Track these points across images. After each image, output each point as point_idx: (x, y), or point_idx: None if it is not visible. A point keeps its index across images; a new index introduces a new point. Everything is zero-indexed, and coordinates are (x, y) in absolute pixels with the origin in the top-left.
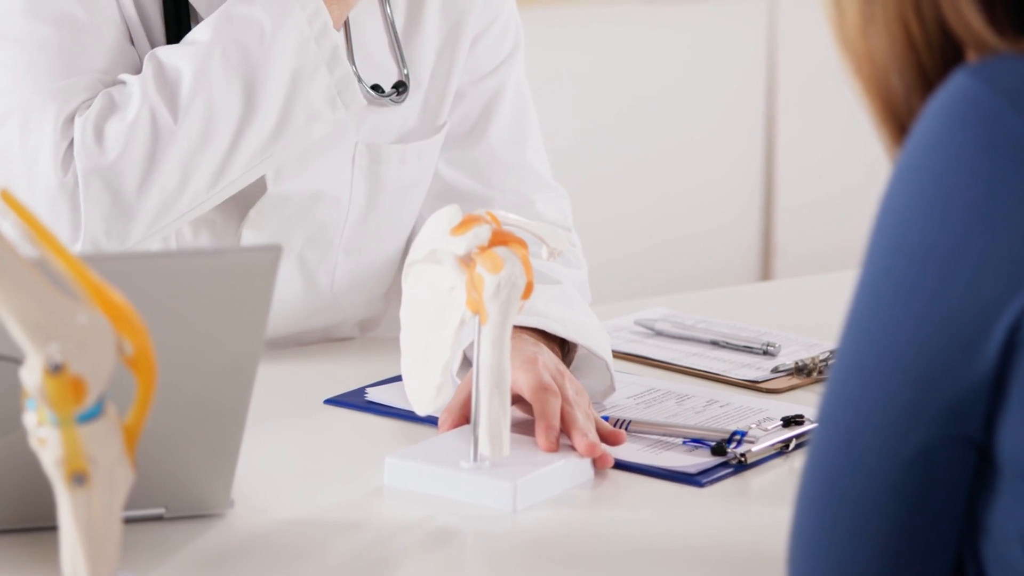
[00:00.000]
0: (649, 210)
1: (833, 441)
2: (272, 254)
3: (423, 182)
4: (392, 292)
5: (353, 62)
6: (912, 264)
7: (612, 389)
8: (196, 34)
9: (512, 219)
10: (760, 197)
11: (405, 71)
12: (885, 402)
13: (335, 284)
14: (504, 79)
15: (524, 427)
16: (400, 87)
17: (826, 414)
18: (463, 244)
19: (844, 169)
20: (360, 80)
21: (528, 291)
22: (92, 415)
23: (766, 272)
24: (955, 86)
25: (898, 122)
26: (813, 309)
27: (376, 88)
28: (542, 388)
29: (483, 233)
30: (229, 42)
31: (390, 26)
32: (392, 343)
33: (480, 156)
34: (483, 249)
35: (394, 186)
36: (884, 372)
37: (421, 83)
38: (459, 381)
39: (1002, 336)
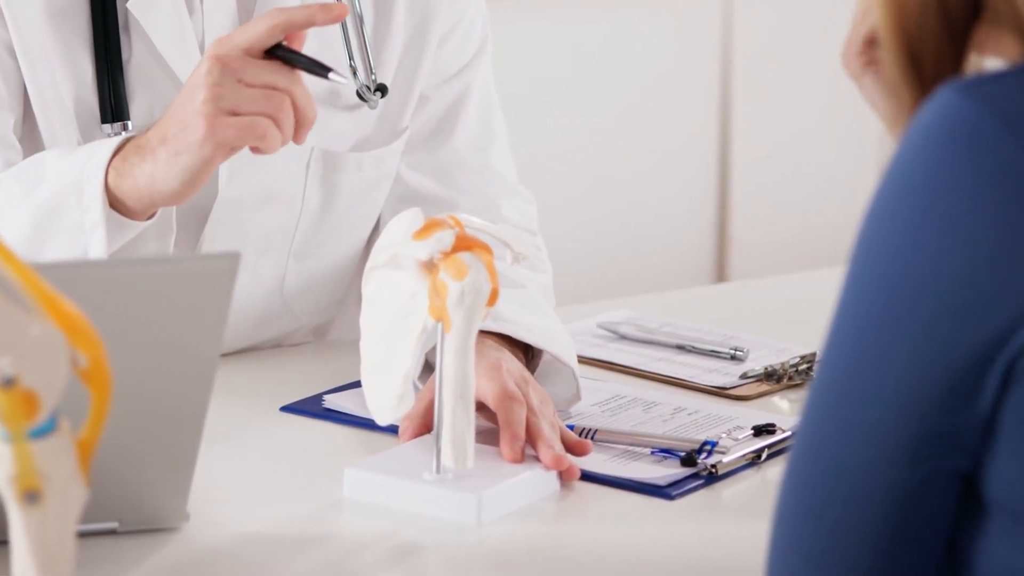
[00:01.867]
0: (603, 207)
1: (817, 467)
2: (230, 262)
3: (382, 187)
4: (348, 298)
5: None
6: (904, 296)
7: (578, 397)
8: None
9: (476, 223)
10: (715, 193)
11: (374, 76)
12: (877, 434)
13: (286, 289)
14: (470, 80)
15: (488, 437)
16: (382, 90)
17: (809, 437)
18: (426, 249)
19: (801, 165)
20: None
21: (493, 298)
22: (45, 430)
23: (721, 269)
24: (945, 105)
25: (916, 65)
26: (780, 311)
27: (377, 89)
28: (507, 396)
29: (446, 238)
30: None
31: (359, 29)
32: (348, 347)
33: (445, 159)
34: (446, 254)
35: (350, 192)
36: (875, 404)
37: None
38: (420, 387)
39: (1001, 371)
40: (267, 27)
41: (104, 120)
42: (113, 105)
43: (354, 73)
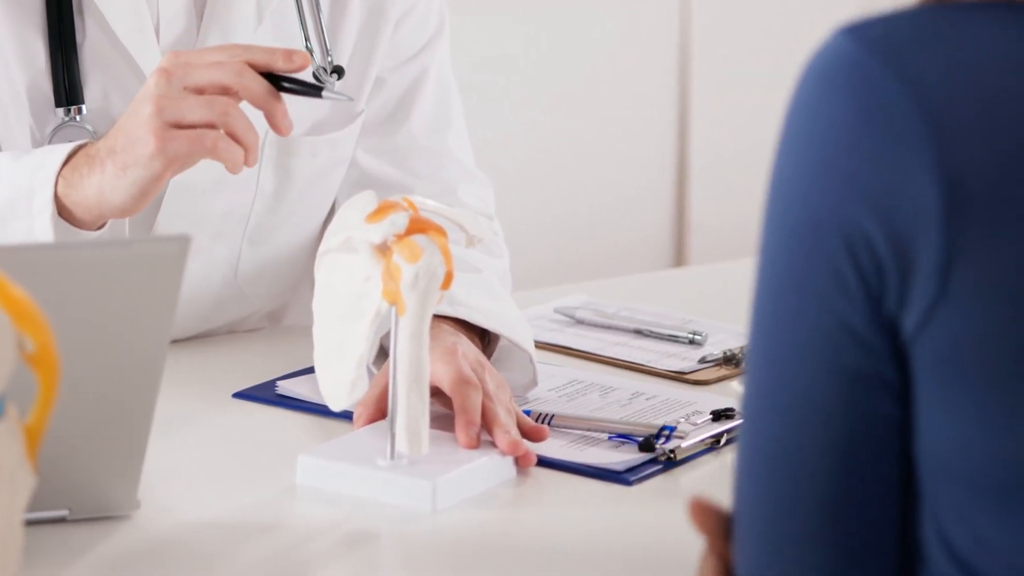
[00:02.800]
0: (561, 192)
1: (760, 437)
2: (180, 245)
3: (336, 172)
4: (302, 283)
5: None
6: (800, 240)
7: (534, 383)
8: None
9: (430, 205)
10: (673, 176)
11: (330, 58)
12: (802, 388)
13: (240, 274)
14: (427, 64)
15: (443, 422)
16: (339, 72)
17: (750, 410)
18: (379, 232)
19: (760, 148)
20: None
21: (447, 281)
22: None
23: (680, 253)
24: (831, 47)
25: None
26: (738, 295)
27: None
28: (462, 381)
29: (400, 220)
30: None
31: (316, 11)
32: (302, 332)
33: (401, 143)
34: (400, 237)
35: (304, 177)
36: (799, 354)
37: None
38: (376, 371)
39: (896, 304)
40: (224, 58)
41: (58, 104)
42: (67, 89)
43: (311, 55)
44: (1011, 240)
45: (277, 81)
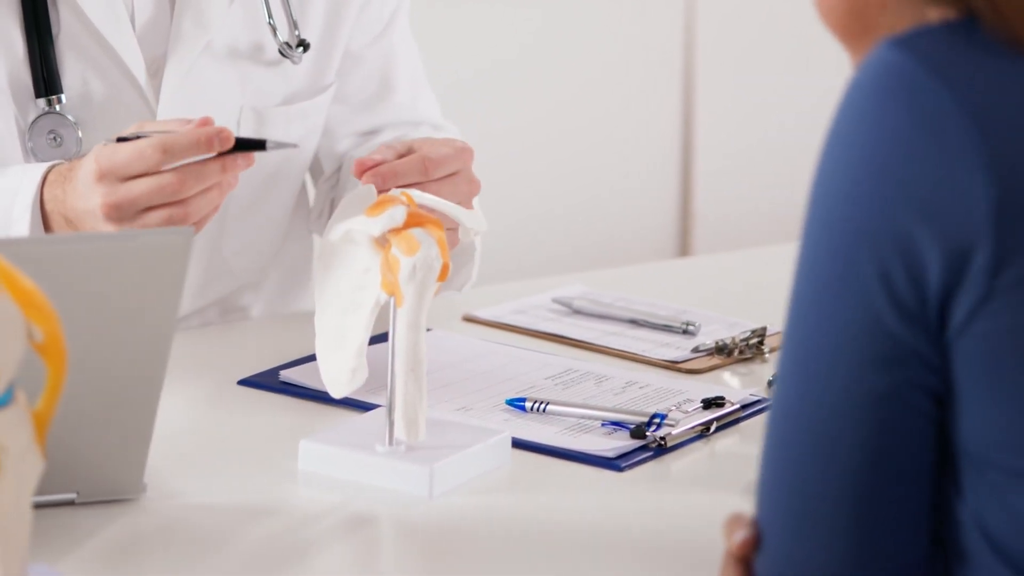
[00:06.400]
0: (564, 182)
1: (797, 436)
2: (184, 236)
3: (309, 142)
4: (281, 258)
5: (270, 17)
6: (848, 243)
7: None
8: None
9: (428, 200)
10: (678, 167)
11: (297, 32)
12: (839, 383)
13: (224, 248)
14: (392, 35)
15: (440, 409)
16: (304, 46)
17: (784, 403)
18: (378, 225)
19: (765, 139)
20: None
21: (444, 273)
22: (1, 402)
23: (684, 245)
24: (881, 58)
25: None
26: (733, 286)
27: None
28: (430, 158)
29: (398, 214)
30: None
31: None
32: (304, 322)
33: (387, 119)
34: (398, 230)
35: None
36: (832, 357)
37: (311, 43)
38: None
39: (938, 308)
40: (155, 167)
41: (38, 95)
42: (46, 79)
43: (273, 32)
44: None
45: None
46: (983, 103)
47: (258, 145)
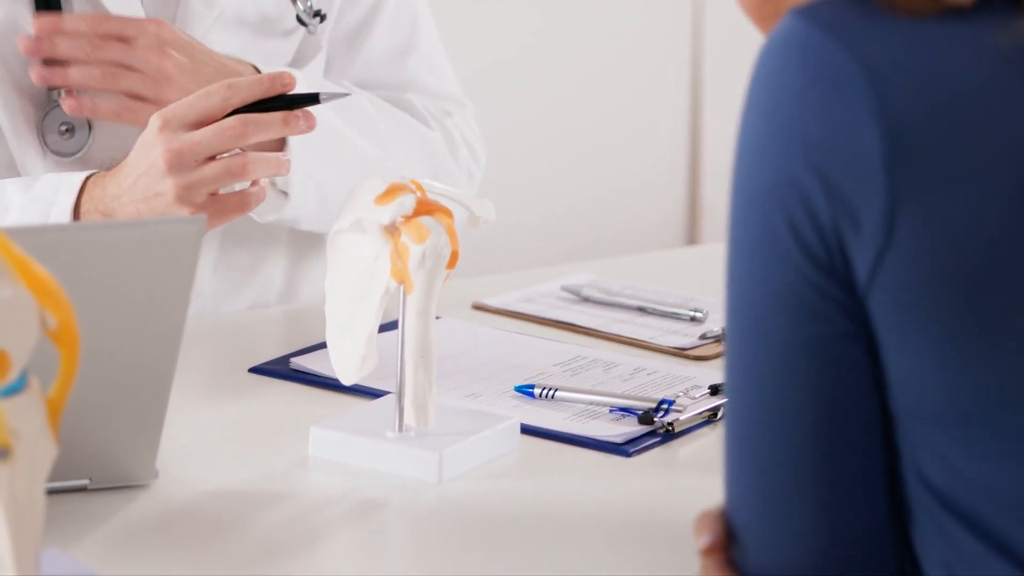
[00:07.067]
0: (573, 172)
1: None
2: (196, 225)
3: None
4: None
5: None
6: (760, 200)
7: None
8: None
9: (438, 188)
10: (686, 157)
11: (310, 3)
12: (775, 341)
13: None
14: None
15: (450, 396)
16: (320, 16)
17: (731, 376)
18: (388, 213)
19: None
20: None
21: (453, 260)
22: (15, 389)
23: (693, 234)
24: (782, 26)
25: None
26: None
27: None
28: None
29: (408, 202)
30: None
31: None
32: (314, 310)
33: (358, 75)
34: (408, 218)
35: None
36: (765, 316)
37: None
38: None
39: (841, 260)
40: (220, 103)
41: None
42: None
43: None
44: (952, 187)
45: (271, 102)
46: (876, 60)
47: (312, 98)
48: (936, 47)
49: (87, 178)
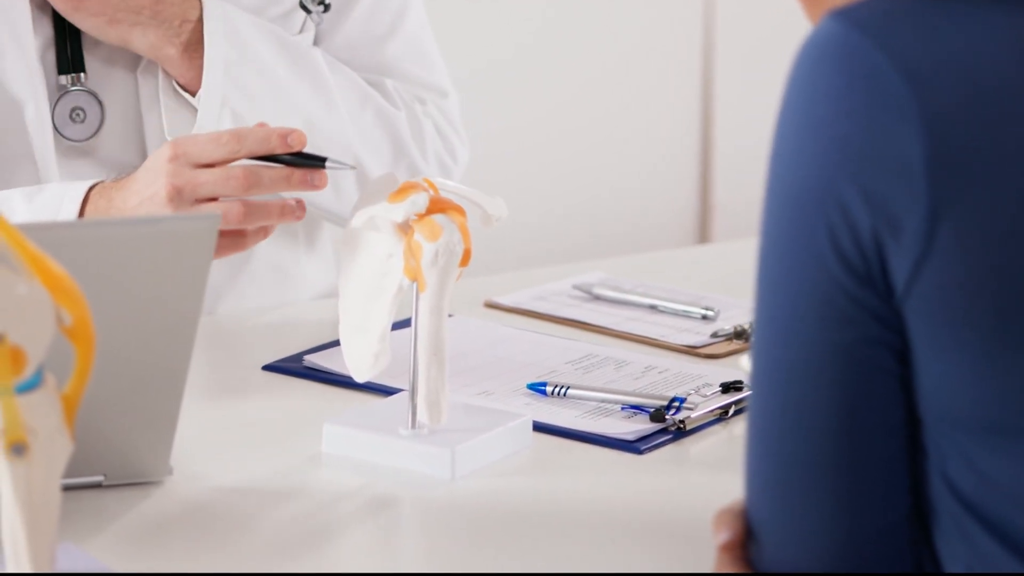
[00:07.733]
0: (585, 170)
1: (772, 405)
2: (211, 222)
3: None
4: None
5: None
6: (798, 204)
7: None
8: None
9: (450, 186)
10: (697, 155)
11: None
12: (804, 343)
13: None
14: None
15: (462, 393)
16: (326, 6)
17: (757, 375)
18: (401, 211)
19: None
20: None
21: (466, 258)
22: (31, 385)
23: (704, 232)
24: (819, 29)
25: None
26: (752, 272)
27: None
28: None
29: (421, 200)
30: None
31: None
32: (328, 308)
33: (335, 52)
34: (421, 216)
35: None
36: (795, 318)
37: None
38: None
39: (880, 266)
40: (227, 155)
41: (61, 71)
42: (71, 56)
43: None
44: (992, 194)
45: (277, 157)
46: (916, 62)
47: (318, 161)
48: (977, 40)
49: (91, 188)
